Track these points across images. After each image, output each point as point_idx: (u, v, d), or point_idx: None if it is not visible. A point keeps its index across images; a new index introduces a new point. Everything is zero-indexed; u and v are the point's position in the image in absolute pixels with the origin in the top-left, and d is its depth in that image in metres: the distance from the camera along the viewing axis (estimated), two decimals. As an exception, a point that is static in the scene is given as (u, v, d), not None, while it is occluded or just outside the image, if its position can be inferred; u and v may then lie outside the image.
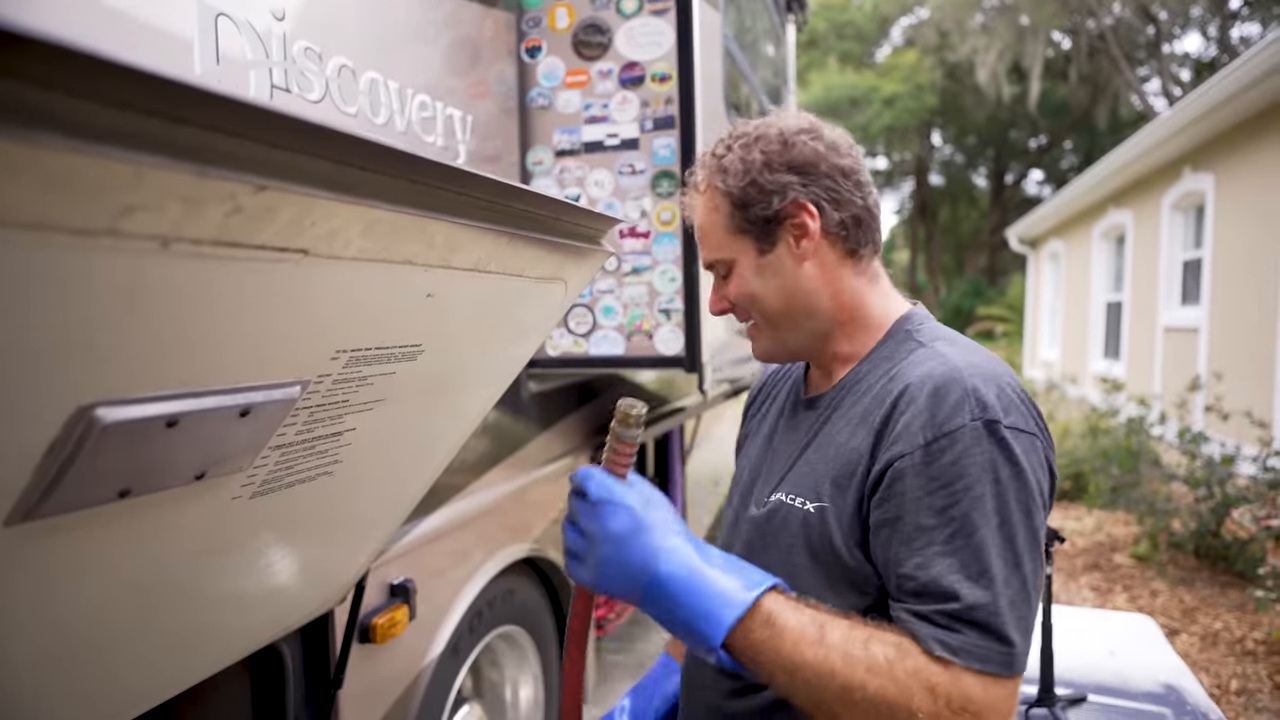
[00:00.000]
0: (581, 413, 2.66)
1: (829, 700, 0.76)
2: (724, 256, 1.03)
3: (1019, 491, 0.81)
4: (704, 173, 1.04)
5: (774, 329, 1.04)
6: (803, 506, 0.95)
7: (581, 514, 0.86)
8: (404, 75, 1.65)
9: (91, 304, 0.49)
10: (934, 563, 0.80)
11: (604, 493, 0.85)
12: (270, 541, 0.98)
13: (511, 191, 0.79)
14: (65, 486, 0.58)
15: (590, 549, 0.85)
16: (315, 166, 0.56)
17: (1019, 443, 0.82)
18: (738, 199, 1.00)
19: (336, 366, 0.78)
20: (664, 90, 2.12)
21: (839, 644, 0.76)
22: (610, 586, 0.84)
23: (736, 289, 1.03)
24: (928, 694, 0.74)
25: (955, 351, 0.91)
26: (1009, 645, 0.77)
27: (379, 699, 1.69)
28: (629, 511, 0.83)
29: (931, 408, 0.84)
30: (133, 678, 0.95)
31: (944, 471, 0.81)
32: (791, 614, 0.79)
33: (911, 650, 0.77)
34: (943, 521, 0.80)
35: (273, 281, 0.61)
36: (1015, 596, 0.78)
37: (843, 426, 0.96)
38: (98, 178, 0.43)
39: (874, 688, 0.74)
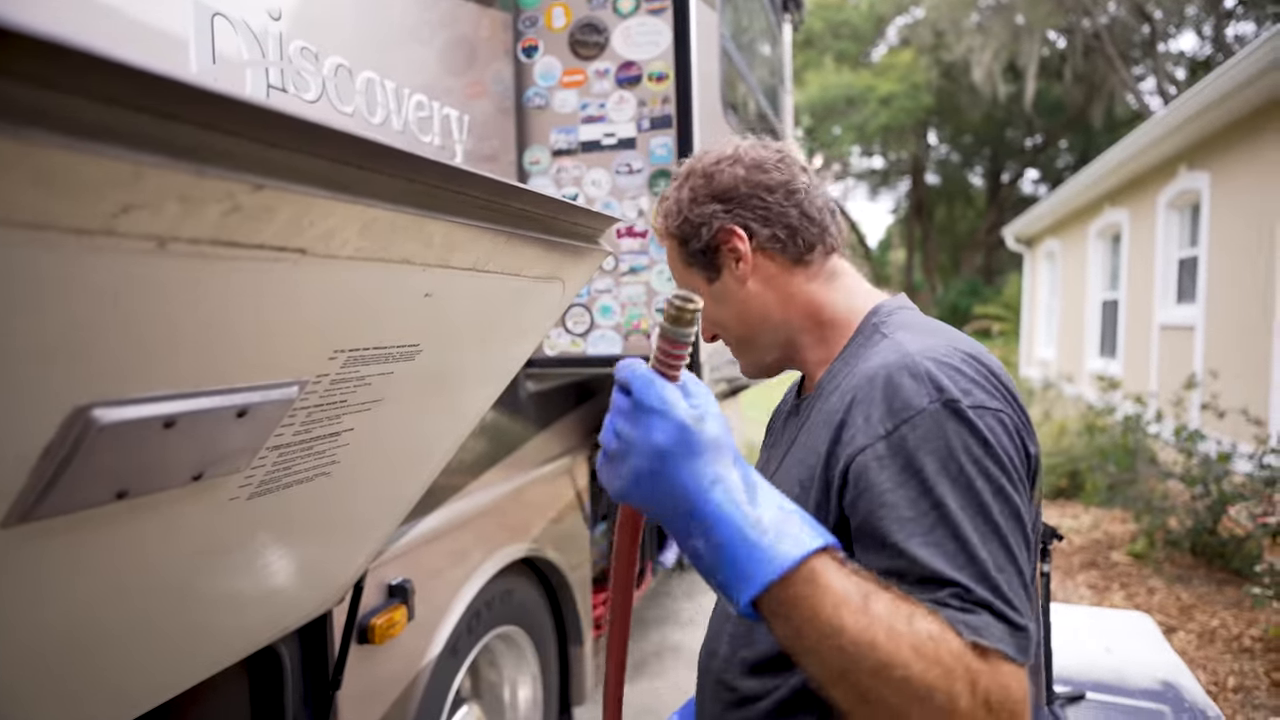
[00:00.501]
0: (579, 412, 2.66)
1: (861, 672, 0.67)
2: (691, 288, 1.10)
3: (989, 469, 0.77)
4: (659, 217, 1.12)
5: (743, 348, 1.12)
6: None
7: (621, 414, 0.74)
8: (400, 75, 1.64)
9: (89, 304, 0.49)
10: (920, 554, 0.75)
11: (651, 398, 0.72)
12: (268, 542, 0.97)
13: (509, 190, 0.79)
14: (62, 488, 0.57)
15: (625, 457, 0.73)
16: (313, 165, 0.56)
17: (982, 419, 0.78)
18: (678, 236, 1.08)
19: (334, 367, 0.78)
20: (661, 90, 2.12)
21: (884, 616, 0.68)
22: (641, 504, 0.74)
23: (706, 319, 1.11)
24: (969, 680, 0.67)
25: (911, 337, 0.89)
26: (1020, 630, 0.72)
27: (377, 700, 1.68)
28: (678, 427, 0.71)
29: (887, 397, 0.81)
30: (130, 680, 0.94)
31: (909, 461, 0.77)
32: (836, 575, 0.69)
33: (949, 631, 0.69)
34: (919, 512, 0.76)
35: (270, 281, 0.60)
36: (1012, 581, 0.74)
37: (813, 429, 0.94)
38: (94, 176, 0.42)
39: (918, 669, 0.66)
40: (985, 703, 0.66)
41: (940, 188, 29.64)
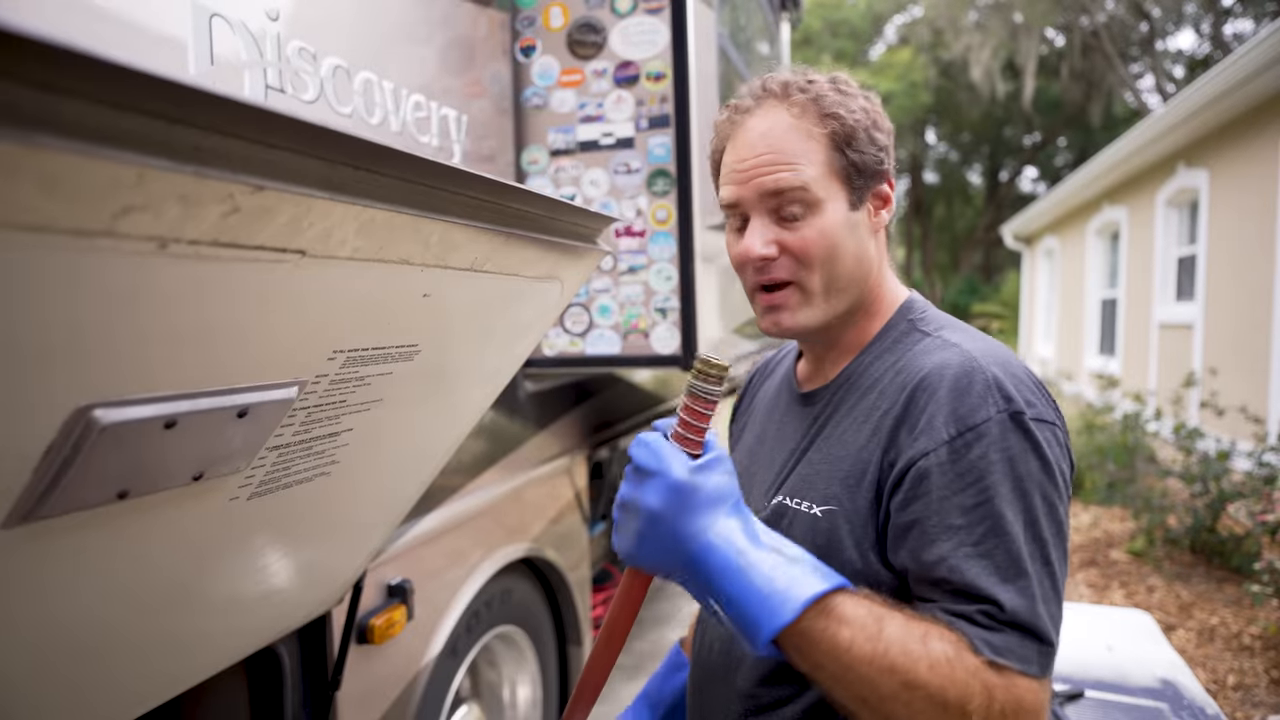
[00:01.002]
0: (578, 412, 2.66)
1: (883, 696, 0.70)
2: (813, 192, 0.89)
3: (1045, 485, 0.78)
4: (798, 94, 0.91)
5: (825, 299, 0.93)
6: (809, 510, 0.89)
7: (626, 480, 0.79)
8: (398, 75, 1.65)
9: (90, 305, 0.49)
10: (967, 565, 0.75)
11: (646, 460, 0.77)
12: (268, 543, 0.98)
13: (507, 190, 0.79)
14: (64, 488, 0.58)
15: (626, 520, 0.78)
16: (312, 166, 0.56)
17: (1042, 433, 0.79)
18: (845, 139, 0.89)
19: (334, 367, 0.78)
20: (659, 89, 2.13)
21: (898, 639, 0.71)
22: (646, 564, 0.78)
23: (821, 238, 0.89)
24: (985, 694, 0.70)
25: (967, 339, 0.87)
26: (1048, 646, 0.74)
27: (377, 700, 1.69)
28: (669, 487, 0.75)
29: (953, 401, 0.80)
30: (130, 680, 0.94)
31: (970, 468, 0.77)
32: (849, 606, 0.72)
33: (965, 649, 0.71)
34: (972, 521, 0.76)
35: (270, 282, 0.61)
36: (1048, 595, 0.75)
37: (849, 425, 0.90)
38: (95, 178, 0.43)
39: (935, 687, 0.69)
40: (1001, 712, 0.69)
41: (939, 186, 29.64)
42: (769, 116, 0.91)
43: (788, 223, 0.90)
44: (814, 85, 0.92)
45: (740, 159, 0.92)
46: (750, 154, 0.91)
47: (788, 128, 0.90)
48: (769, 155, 0.89)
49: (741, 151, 0.92)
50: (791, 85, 0.92)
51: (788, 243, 0.90)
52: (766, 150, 0.90)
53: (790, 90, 0.92)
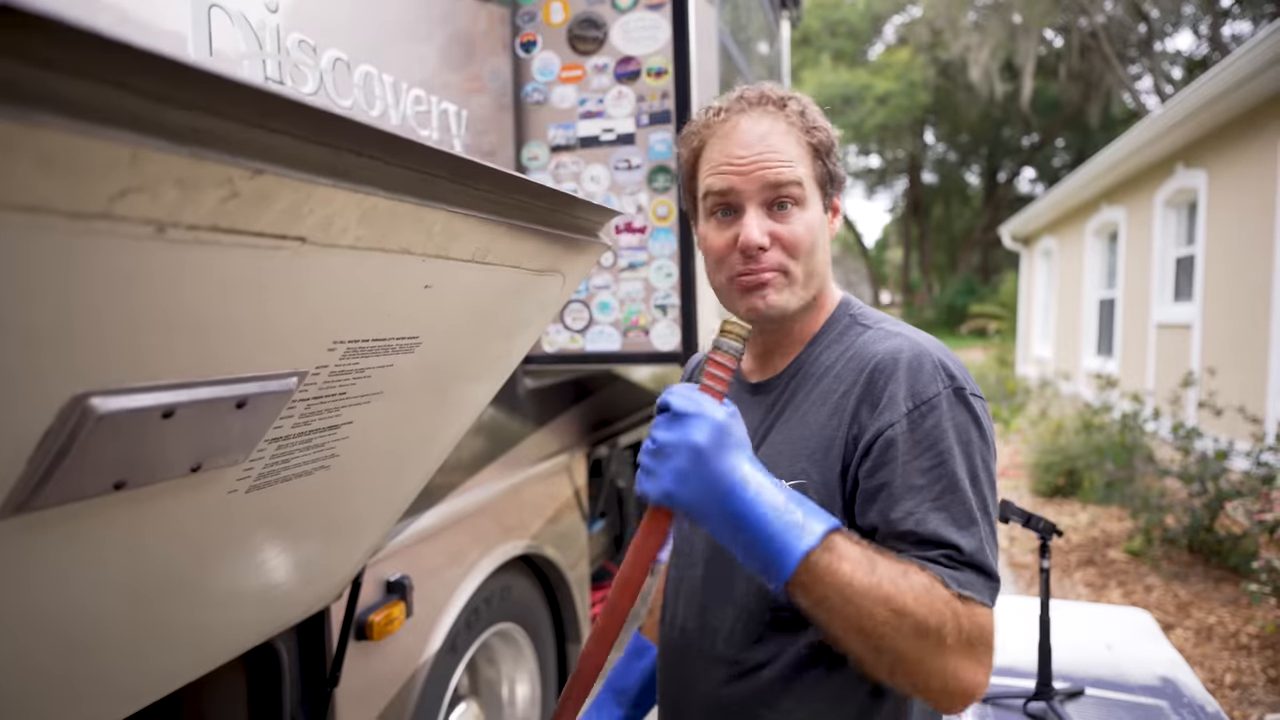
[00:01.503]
0: (577, 409, 2.65)
1: (877, 622, 0.80)
2: (805, 188, 1.00)
3: (982, 449, 0.92)
4: (791, 104, 1.02)
5: (804, 287, 1.02)
6: None
7: (660, 426, 0.86)
8: (399, 69, 1.64)
9: (87, 290, 0.48)
10: (929, 518, 0.88)
11: (688, 405, 0.85)
12: (266, 537, 0.97)
13: (511, 181, 0.78)
14: (60, 477, 0.57)
15: (666, 459, 0.84)
16: (312, 152, 0.56)
17: (978, 405, 0.94)
18: (825, 150, 1.02)
19: (334, 358, 0.77)
20: (660, 85, 2.12)
21: (888, 573, 0.82)
22: (685, 496, 0.84)
23: (807, 231, 0.99)
24: (955, 621, 0.82)
25: (908, 330, 1.01)
26: (994, 580, 0.88)
27: (376, 697, 1.68)
28: (715, 426, 0.84)
29: (909, 380, 0.93)
30: (127, 675, 0.94)
31: (926, 436, 0.90)
32: (848, 546, 0.83)
33: (938, 583, 0.84)
34: (931, 480, 0.89)
35: (270, 269, 0.60)
36: (990, 539, 0.90)
37: (808, 408, 1.01)
38: (93, 159, 0.42)
39: (920, 614, 0.80)
40: (967, 637, 0.83)
41: (937, 186, 29.68)
42: (765, 120, 1.01)
43: (779, 214, 1.00)
44: (799, 101, 1.03)
45: (737, 155, 1.00)
46: (749, 150, 0.99)
47: (784, 131, 1.00)
48: (769, 153, 0.99)
49: (738, 148, 1.00)
50: (785, 98, 1.03)
51: (779, 233, 0.99)
52: (766, 149, 0.99)
53: (783, 102, 1.02)
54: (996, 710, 1.82)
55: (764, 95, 1.03)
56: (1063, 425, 7.13)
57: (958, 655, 0.82)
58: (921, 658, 0.81)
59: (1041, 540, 1.77)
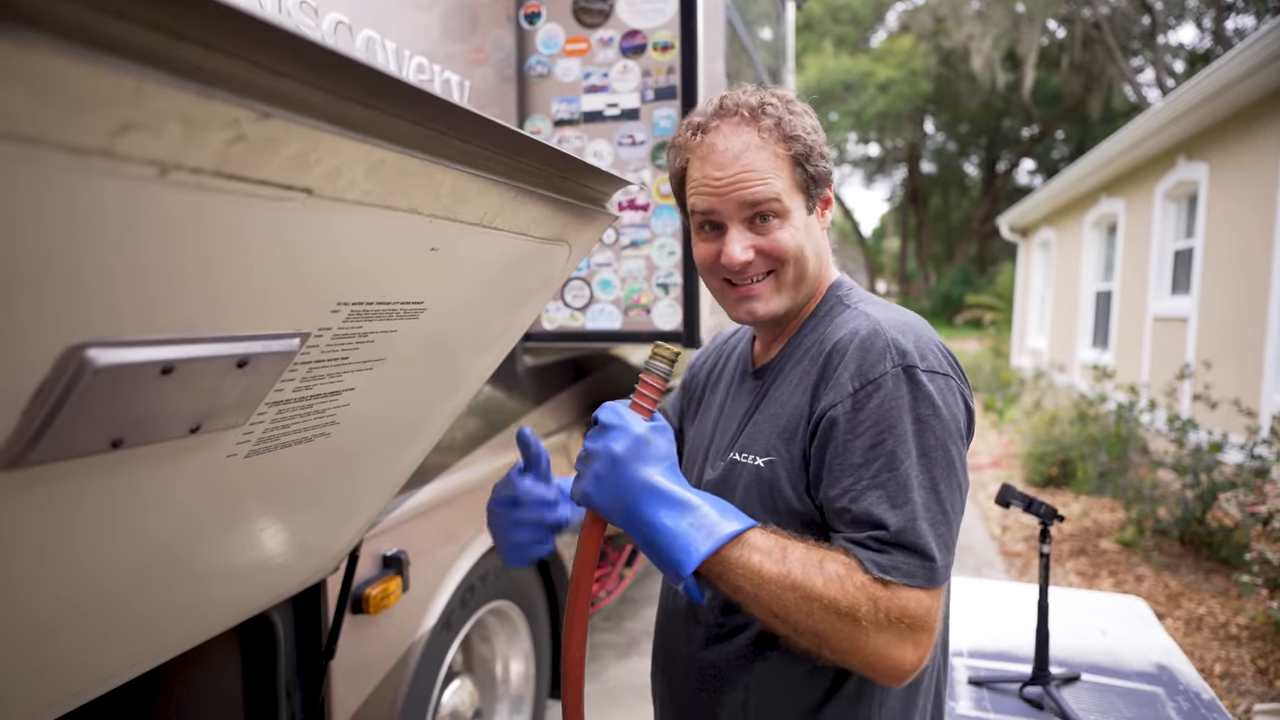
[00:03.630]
0: (576, 388, 2.63)
1: (789, 608, 0.86)
2: (783, 202, 1.01)
3: (936, 426, 0.91)
4: (763, 117, 1.01)
5: (794, 289, 1.05)
6: (753, 461, 1.03)
7: (589, 437, 0.95)
8: (401, 36, 1.61)
9: (85, 232, 0.46)
10: (863, 496, 0.90)
11: (612, 418, 0.93)
12: (264, 504, 0.95)
13: (522, 141, 0.76)
14: (55, 432, 0.55)
15: (588, 465, 0.93)
16: (322, 99, 0.53)
17: (934, 383, 0.92)
18: (803, 155, 1.01)
19: (337, 320, 0.75)
20: (666, 59, 2.09)
21: (798, 561, 0.87)
22: (600, 499, 0.92)
23: (788, 238, 1.01)
24: (871, 604, 0.85)
25: (876, 309, 1.02)
26: (930, 560, 0.88)
27: (371, 671, 1.67)
28: (632, 437, 0.91)
29: (858, 360, 0.94)
30: (120, 643, 0.92)
31: (869, 415, 0.91)
32: (760, 537, 0.89)
33: (856, 569, 0.87)
34: (870, 459, 0.90)
35: (275, 221, 0.58)
36: (934, 518, 0.89)
37: (785, 388, 1.04)
38: (94, 89, 0.40)
39: (829, 598, 0.85)
40: (886, 617, 0.85)
41: (935, 176, 29.62)
42: (739, 137, 1.01)
43: (760, 228, 1.02)
44: (774, 108, 1.02)
45: (714, 176, 1.01)
46: (725, 171, 1.00)
47: (758, 147, 1.00)
48: (744, 172, 0.99)
49: (714, 170, 1.01)
50: (756, 109, 1.02)
51: (762, 246, 1.02)
52: (741, 168, 1.00)
53: (756, 114, 1.01)
54: (993, 694, 1.82)
55: (739, 106, 1.02)
56: (1057, 416, 7.14)
57: (878, 634, 0.85)
58: (839, 638, 0.86)
59: (1042, 526, 1.76)
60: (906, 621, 0.86)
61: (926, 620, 0.87)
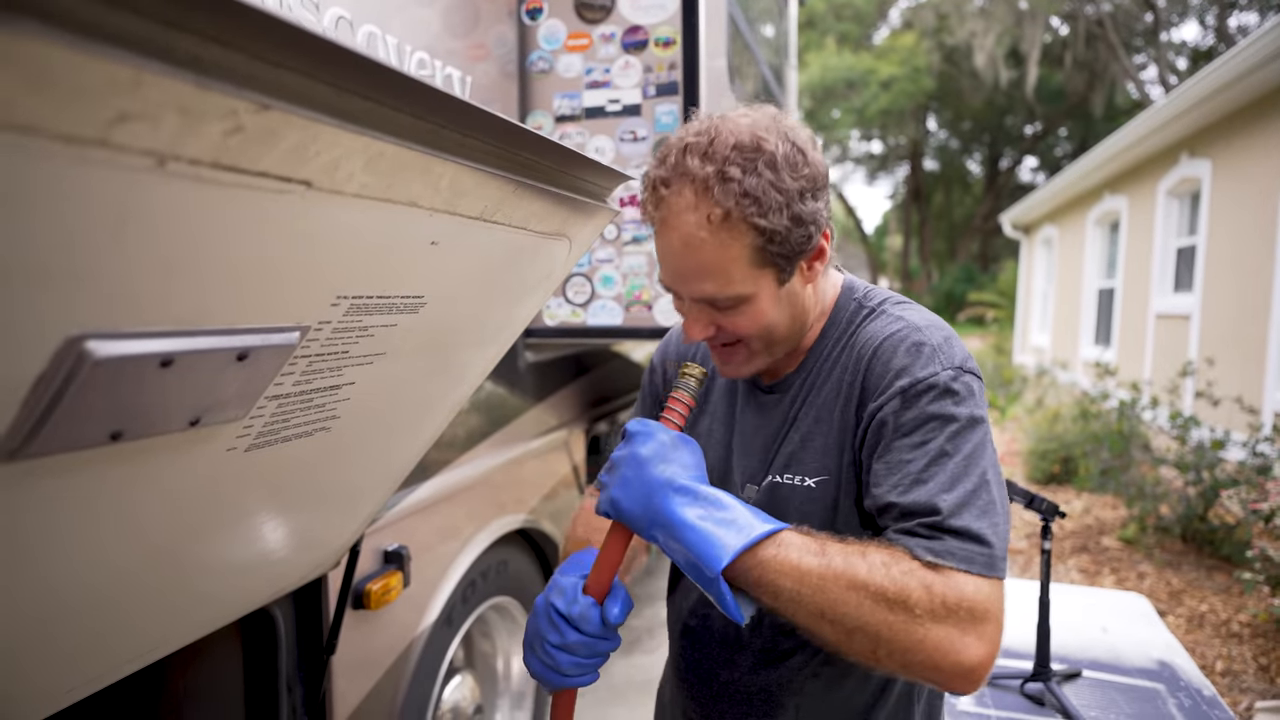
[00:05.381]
0: (577, 384, 2.63)
1: (834, 600, 0.79)
2: (743, 292, 0.91)
3: (981, 427, 0.90)
4: (716, 195, 0.85)
5: (768, 352, 0.99)
6: (803, 483, 0.99)
7: (617, 447, 0.92)
8: (402, 31, 1.60)
9: (83, 224, 0.46)
10: (912, 489, 0.86)
11: (641, 427, 0.91)
12: (264, 499, 0.95)
13: (523, 135, 0.76)
14: (54, 424, 0.55)
15: (615, 470, 0.90)
16: (322, 91, 0.53)
17: (975, 385, 0.92)
18: (766, 240, 0.87)
19: (337, 314, 0.75)
20: (667, 55, 2.08)
21: (839, 552, 0.82)
22: (626, 504, 0.87)
23: (753, 324, 0.94)
24: (924, 590, 0.78)
25: (910, 313, 0.99)
26: (988, 546, 0.82)
27: (372, 666, 1.67)
28: (660, 444, 0.88)
29: (906, 361, 0.92)
30: (119, 637, 0.92)
31: (919, 414, 0.89)
32: (795, 535, 0.84)
33: (904, 557, 0.82)
34: (918, 455, 0.88)
35: (274, 213, 0.58)
36: (986, 507, 0.85)
37: (822, 402, 1.00)
38: (91, 79, 0.40)
39: (875, 585, 0.79)
40: (943, 603, 0.78)
41: (938, 173, 29.57)
42: (685, 223, 0.87)
43: (722, 311, 0.94)
44: (733, 180, 0.85)
45: (668, 259, 0.93)
46: (676, 262, 0.92)
47: (703, 242, 0.87)
48: (693, 268, 0.90)
49: (668, 252, 0.92)
50: (709, 181, 0.85)
51: (724, 325, 0.96)
52: (691, 265, 0.90)
53: (708, 189, 0.86)
54: (994, 691, 1.82)
55: (689, 175, 0.87)
56: (1059, 413, 7.14)
57: (936, 625, 0.77)
58: (894, 633, 0.78)
59: (1044, 522, 1.76)
60: (966, 608, 0.78)
61: (990, 609, 0.79)
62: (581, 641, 0.90)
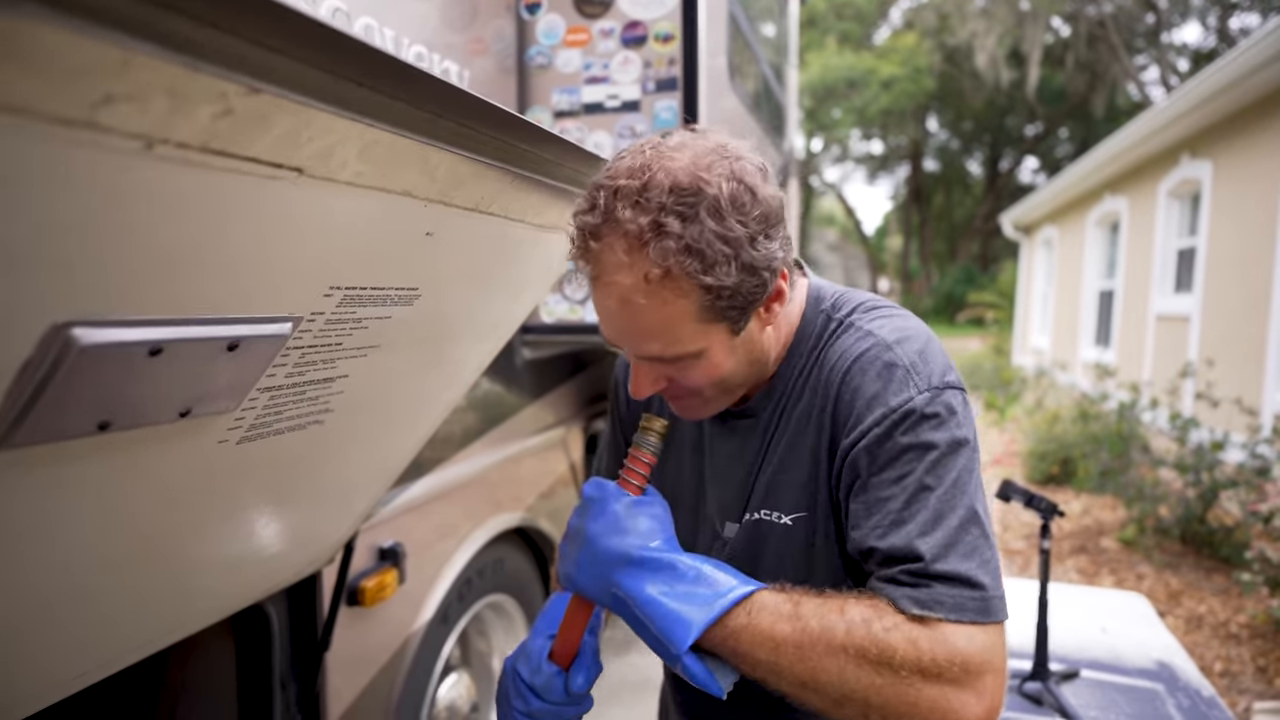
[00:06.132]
0: (575, 382, 2.63)
1: (814, 668, 0.74)
2: (692, 349, 0.82)
3: (962, 449, 0.82)
4: (652, 253, 0.74)
5: (728, 395, 0.91)
6: (780, 520, 0.92)
7: (573, 513, 0.88)
8: (400, 24, 1.60)
9: (69, 207, 0.45)
10: (893, 531, 0.79)
11: (596, 491, 0.86)
12: (257, 492, 0.94)
13: (519, 125, 0.75)
14: (39, 413, 0.54)
15: (569, 544, 0.87)
16: (314, 74, 0.52)
17: (955, 399, 0.84)
18: (718, 289, 0.77)
19: (330, 305, 0.75)
20: (667, 51, 2.07)
21: (814, 613, 0.76)
22: (581, 580, 0.84)
23: (706, 377, 0.85)
24: (909, 646, 0.73)
25: (881, 324, 0.90)
26: (980, 589, 0.76)
27: (366, 664, 1.66)
28: (613, 514, 0.83)
29: (877, 388, 0.84)
30: (107, 632, 0.91)
31: (894, 446, 0.82)
32: (767, 597, 0.78)
33: (887, 610, 0.76)
34: (898, 491, 0.80)
35: (265, 200, 0.57)
36: (976, 542, 0.78)
37: (795, 431, 0.92)
38: (78, 59, 0.39)
39: (854, 646, 0.73)
40: (932, 660, 0.72)
41: (938, 174, 29.57)
42: (620, 283, 0.77)
43: (671, 364, 0.84)
44: (669, 236, 0.73)
45: (604, 319, 0.83)
46: (612, 324, 0.82)
47: (641, 305, 0.77)
48: (633, 330, 0.81)
49: (603, 314, 0.82)
50: (643, 235, 0.74)
51: (674, 377, 0.86)
52: (630, 327, 0.81)
53: (644, 243, 0.74)
54: (992, 690, 1.81)
55: (622, 227, 0.75)
56: (1059, 415, 7.13)
57: (928, 685, 0.72)
58: (883, 697, 0.73)
59: (1043, 521, 1.75)
60: (959, 664, 0.72)
61: (986, 661, 0.73)
62: (546, 710, 0.87)
